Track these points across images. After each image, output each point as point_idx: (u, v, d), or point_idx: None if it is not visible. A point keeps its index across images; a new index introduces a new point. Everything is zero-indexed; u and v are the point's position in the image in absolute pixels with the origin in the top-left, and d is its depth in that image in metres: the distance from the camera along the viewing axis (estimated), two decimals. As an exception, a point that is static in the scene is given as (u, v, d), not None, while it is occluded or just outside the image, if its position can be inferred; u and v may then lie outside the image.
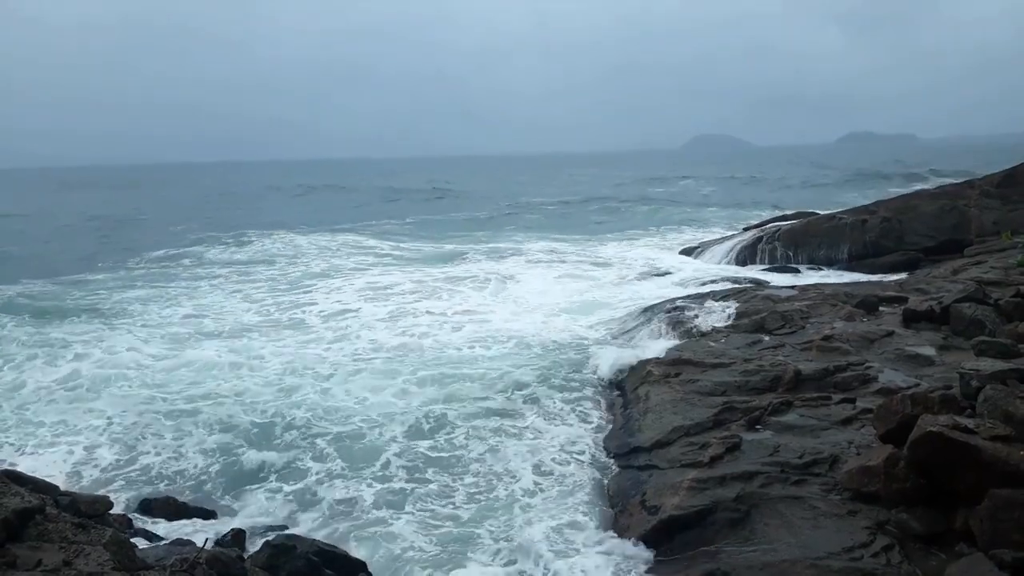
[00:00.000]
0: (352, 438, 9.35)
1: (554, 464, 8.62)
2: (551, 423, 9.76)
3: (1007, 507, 5.26)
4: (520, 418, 9.89)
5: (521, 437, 9.27)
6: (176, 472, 8.74)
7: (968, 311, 10.31)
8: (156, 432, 9.69)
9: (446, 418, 9.83)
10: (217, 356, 12.90)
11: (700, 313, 13.69)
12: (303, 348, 13.64)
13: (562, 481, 8.21)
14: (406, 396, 10.81)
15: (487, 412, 10.04)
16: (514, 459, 8.67)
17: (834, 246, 21.14)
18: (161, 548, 6.23)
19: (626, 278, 20.43)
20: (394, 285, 19.75)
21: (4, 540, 4.57)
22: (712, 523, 6.61)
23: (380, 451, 8.94)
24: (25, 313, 16.46)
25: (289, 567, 5.89)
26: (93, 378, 11.85)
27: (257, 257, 26.74)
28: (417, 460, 8.72)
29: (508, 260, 24.55)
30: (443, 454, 8.87)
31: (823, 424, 8.00)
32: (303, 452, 9.02)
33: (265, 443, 9.32)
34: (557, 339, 13.68)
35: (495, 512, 7.57)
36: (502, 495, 7.90)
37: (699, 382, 9.76)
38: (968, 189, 21.50)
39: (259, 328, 15.36)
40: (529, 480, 8.21)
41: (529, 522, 7.28)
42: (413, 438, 9.31)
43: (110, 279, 22.15)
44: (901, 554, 5.63)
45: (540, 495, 7.87)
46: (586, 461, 8.74)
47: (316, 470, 8.57)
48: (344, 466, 8.63)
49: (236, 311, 17.12)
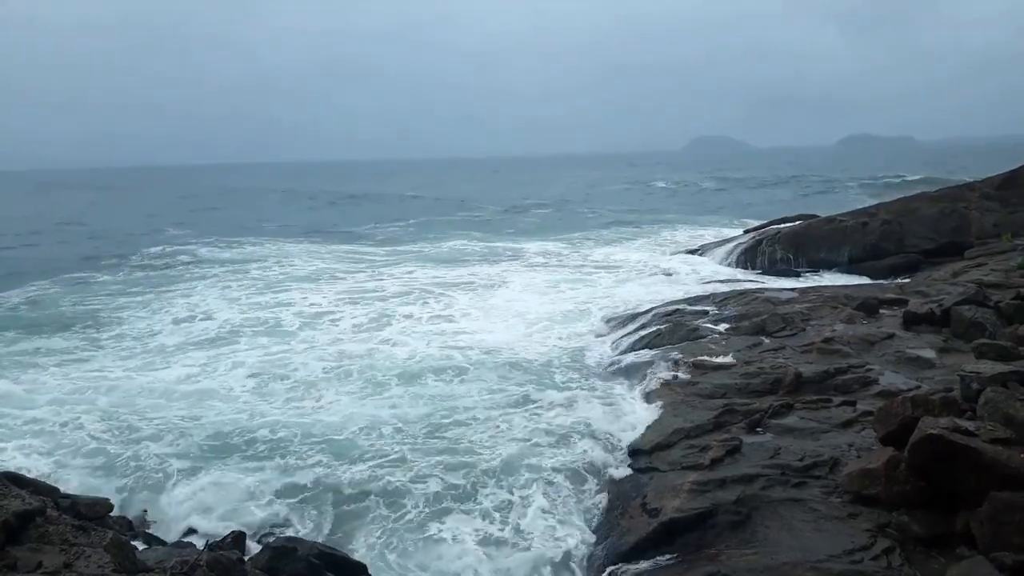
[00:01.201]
0: (353, 437, 9.35)
1: (554, 465, 8.60)
2: (550, 424, 9.73)
3: (1008, 510, 5.26)
4: (519, 419, 9.86)
5: (520, 439, 9.23)
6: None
7: (968, 313, 10.32)
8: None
9: (444, 422, 9.80)
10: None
11: (700, 315, 13.71)
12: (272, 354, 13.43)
13: (562, 484, 8.19)
14: (408, 398, 10.81)
15: (485, 415, 10.01)
16: (513, 460, 8.64)
17: (834, 248, 21.16)
18: (161, 551, 6.23)
19: (626, 281, 20.45)
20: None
21: (4, 542, 4.57)
22: (712, 526, 6.60)
23: (378, 452, 8.92)
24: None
25: (290, 570, 5.88)
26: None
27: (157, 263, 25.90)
28: (414, 463, 8.68)
29: (504, 263, 24.65)
30: (441, 456, 8.82)
31: (823, 427, 8.00)
32: (298, 458, 8.98)
33: (245, 450, 9.19)
34: (553, 342, 13.67)
35: (495, 515, 7.56)
36: (501, 498, 7.87)
37: (699, 384, 9.76)
38: (968, 191, 21.51)
39: (178, 347, 14.36)
40: (528, 481, 8.20)
41: (528, 525, 7.27)
42: (411, 441, 9.28)
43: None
44: (902, 557, 5.63)
45: (540, 499, 7.84)
46: (586, 463, 8.73)
47: (317, 472, 8.54)
48: (344, 467, 8.60)
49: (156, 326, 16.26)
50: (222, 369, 12.65)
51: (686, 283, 19.23)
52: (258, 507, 7.81)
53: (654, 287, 19.00)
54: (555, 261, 25.01)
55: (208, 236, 34.56)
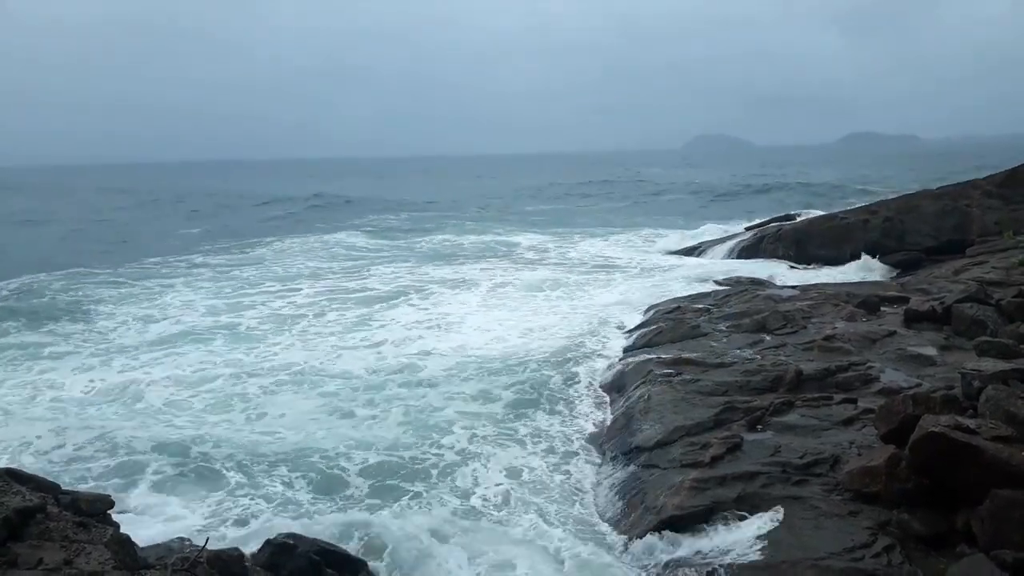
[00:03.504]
0: (354, 437, 9.34)
1: (555, 465, 8.61)
2: (550, 425, 9.73)
3: (1009, 508, 5.26)
4: (518, 420, 9.85)
5: (519, 441, 9.23)
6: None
7: (970, 311, 10.31)
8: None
9: (445, 421, 9.79)
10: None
11: (701, 313, 13.70)
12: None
13: (562, 483, 8.20)
14: (411, 397, 10.80)
15: (484, 414, 10.00)
16: (514, 461, 8.65)
17: (836, 246, 21.13)
18: (162, 547, 6.23)
19: (628, 277, 20.45)
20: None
21: (5, 539, 4.57)
22: (713, 523, 6.60)
23: (380, 450, 8.91)
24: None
25: (290, 566, 5.88)
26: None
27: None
28: (417, 461, 8.68)
29: (499, 258, 24.66)
30: (441, 457, 8.81)
31: (824, 424, 8.00)
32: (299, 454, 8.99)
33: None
34: (553, 340, 13.62)
35: (495, 512, 7.56)
36: (501, 497, 7.87)
37: (700, 382, 9.76)
38: (970, 189, 21.48)
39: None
40: (528, 480, 8.21)
41: (529, 523, 7.27)
42: (413, 437, 9.27)
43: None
44: (902, 555, 5.63)
45: (538, 496, 7.85)
46: (586, 462, 8.74)
47: (318, 469, 8.54)
48: (344, 465, 8.60)
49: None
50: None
51: (687, 280, 19.21)
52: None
53: (657, 283, 19.00)
54: (552, 259, 25.01)
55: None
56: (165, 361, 12.92)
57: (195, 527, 7.17)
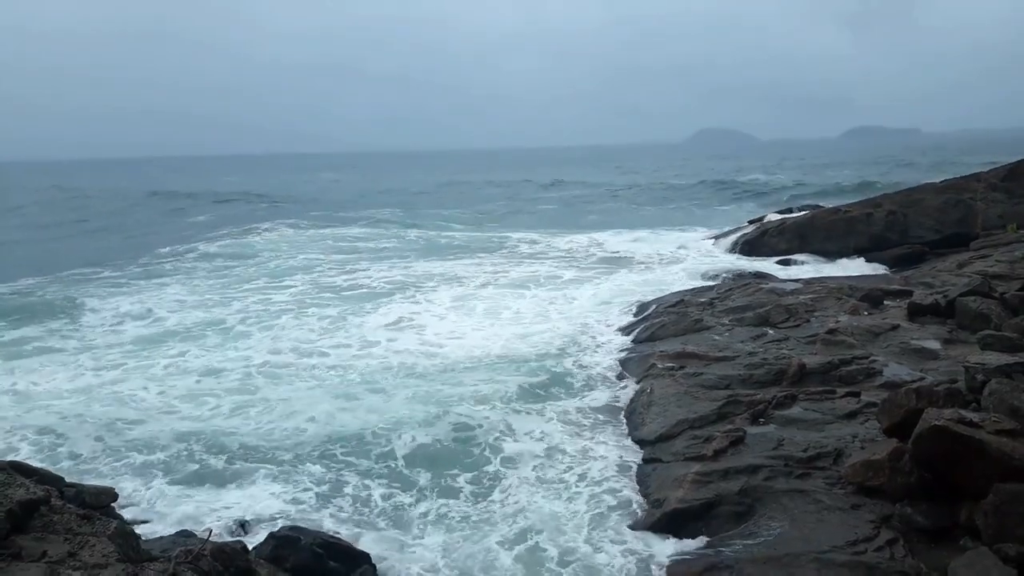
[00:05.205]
0: (356, 435, 9.34)
1: (557, 460, 8.60)
2: (550, 423, 9.68)
3: (1012, 501, 5.25)
4: (520, 415, 9.82)
5: (522, 436, 9.20)
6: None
7: (973, 305, 10.28)
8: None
9: (448, 416, 9.77)
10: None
11: (704, 307, 13.68)
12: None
13: (565, 477, 8.19)
14: (420, 396, 10.79)
15: (488, 409, 9.97)
16: (516, 457, 8.63)
17: (839, 239, 21.07)
18: (166, 539, 6.25)
19: (630, 272, 20.41)
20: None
21: (9, 531, 4.57)
22: (716, 516, 6.61)
23: (382, 446, 8.91)
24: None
25: (294, 559, 5.90)
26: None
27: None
28: (421, 456, 8.67)
29: (498, 254, 24.62)
30: (446, 452, 8.80)
31: (827, 418, 7.99)
32: (303, 449, 9.00)
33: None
34: (557, 334, 13.60)
35: (499, 508, 7.57)
36: (506, 494, 7.86)
37: (703, 376, 9.75)
38: (974, 182, 21.41)
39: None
40: (531, 475, 8.20)
41: (536, 518, 7.28)
42: (420, 433, 9.25)
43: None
44: (905, 548, 5.63)
45: (544, 489, 7.85)
46: (589, 456, 8.73)
47: (319, 465, 8.55)
48: (345, 461, 8.61)
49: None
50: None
51: (690, 273, 19.16)
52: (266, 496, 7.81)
53: (660, 277, 18.96)
54: (553, 257, 24.97)
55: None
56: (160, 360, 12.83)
57: (198, 520, 7.18)
